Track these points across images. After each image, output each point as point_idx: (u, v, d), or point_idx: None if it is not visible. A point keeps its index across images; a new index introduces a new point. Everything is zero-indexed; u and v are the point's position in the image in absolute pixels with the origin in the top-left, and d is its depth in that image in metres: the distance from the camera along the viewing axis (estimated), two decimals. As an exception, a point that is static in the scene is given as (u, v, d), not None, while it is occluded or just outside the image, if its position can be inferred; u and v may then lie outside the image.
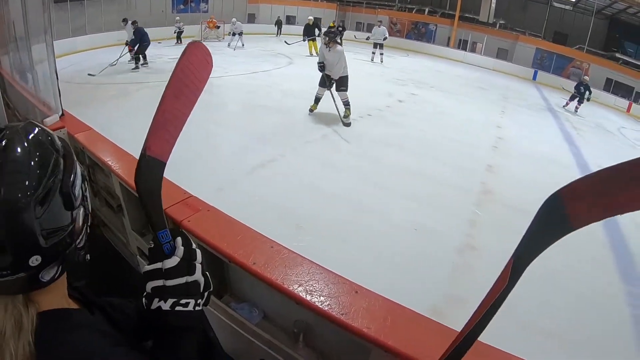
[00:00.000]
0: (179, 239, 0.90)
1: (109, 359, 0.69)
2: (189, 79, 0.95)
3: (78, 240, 0.74)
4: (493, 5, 19.91)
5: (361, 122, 7.22)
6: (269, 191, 4.46)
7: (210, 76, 1.00)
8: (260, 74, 10.63)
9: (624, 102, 17.32)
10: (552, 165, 6.86)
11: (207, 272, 0.93)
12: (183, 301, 0.85)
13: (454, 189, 5.07)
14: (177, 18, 17.14)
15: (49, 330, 0.67)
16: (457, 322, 2.87)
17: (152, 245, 0.90)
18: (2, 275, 0.63)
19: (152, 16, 18.62)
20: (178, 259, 0.86)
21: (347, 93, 6.93)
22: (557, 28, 19.93)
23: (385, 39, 14.84)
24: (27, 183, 0.64)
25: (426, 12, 22.91)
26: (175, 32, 16.50)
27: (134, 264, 2.51)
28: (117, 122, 5.09)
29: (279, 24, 21.11)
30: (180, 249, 0.88)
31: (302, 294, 1.24)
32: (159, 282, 0.85)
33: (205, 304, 0.93)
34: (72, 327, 0.71)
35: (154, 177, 0.90)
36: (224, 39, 17.41)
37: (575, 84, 13.46)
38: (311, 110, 7.25)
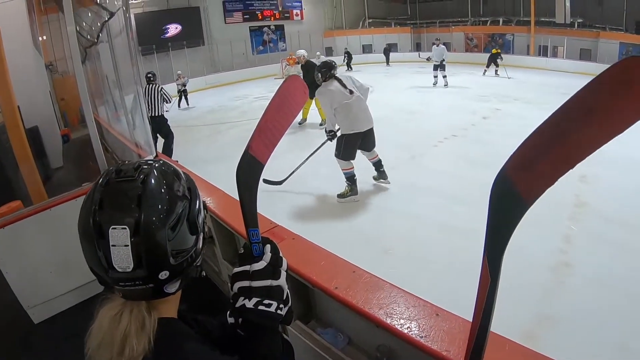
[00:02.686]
0: (268, 246, 0.97)
1: None
2: (288, 100, 1.10)
3: (197, 260, 0.85)
4: (568, 4, 18.71)
5: (447, 143, 7.07)
6: (355, 216, 4.53)
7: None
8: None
9: None
10: None
11: (289, 291, 0.98)
12: (266, 302, 0.91)
13: (545, 203, 4.71)
14: (179, 72, 14.63)
15: (167, 335, 0.79)
16: (550, 344, 2.69)
17: (242, 252, 0.99)
18: (135, 284, 0.75)
19: (234, 58, 20.47)
20: (265, 263, 0.94)
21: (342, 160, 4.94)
22: (639, 18, 17.98)
23: (443, 60, 13.37)
24: (162, 210, 0.77)
25: (501, 22, 22.16)
26: (178, 92, 13.49)
27: (225, 291, 2.68)
28: (209, 161, 5.40)
29: (347, 55, 20.84)
30: (268, 255, 0.95)
31: (382, 317, 1.28)
32: (246, 283, 0.92)
33: (287, 321, 0.97)
34: (186, 337, 0.83)
35: (253, 175, 1.01)
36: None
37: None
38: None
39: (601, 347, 2.82)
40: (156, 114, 6.55)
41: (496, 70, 15.90)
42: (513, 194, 0.68)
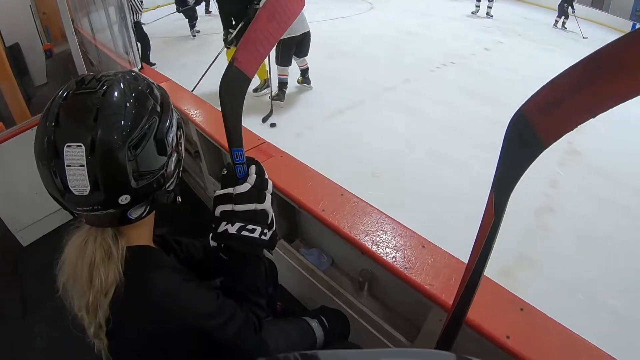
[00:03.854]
0: (252, 167, 0.92)
1: (182, 295, 0.75)
2: (282, 8, 0.99)
3: (168, 184, 0.78)
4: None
5: (444, 70, 6.82)
6: (345, 138, 4.43)
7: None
8: (340, 20, 10.13)
9: None
10: None
11: (274, 213, 0.93)
12: (250, 227, 0.87)
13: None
14: None
15: (137, 265, 0.74)
16: (523, 283, 2.76)
17: (225, 172, 0.93)
18: (93, 209, 0.68)
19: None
20: (249, 186, 0.88)
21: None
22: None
23: None
24: (122, 126, 0.68)
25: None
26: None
27: (211, 207, 2.65)
28: (197, 72, 5.20)
29: None
30: (253, 177, 0.90)
31: (368, 244, 1.25)
32: (229, 207, 0.87)
33: (271, 246, 0.94)
34: (155, 266, 0.78)
35: (238, 90, 0.93)
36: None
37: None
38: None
39: (571, 294, 2.91)
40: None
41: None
42: (531, 135, 0.66)
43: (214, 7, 9.80)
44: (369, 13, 11.17)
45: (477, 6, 12.13)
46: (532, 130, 0.65)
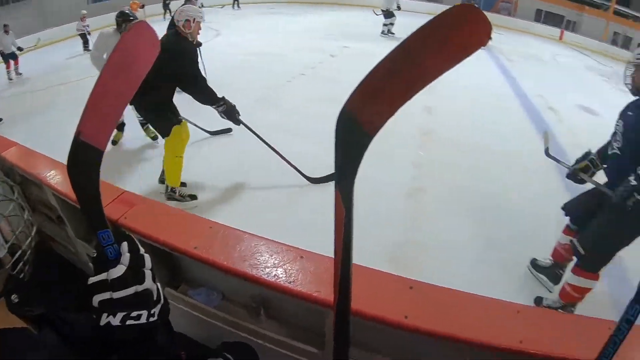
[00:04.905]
0: (124, 244, 0.82)
1: None
2: (131, 59, 0.87)
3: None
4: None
5: (295, 82, 7.17)
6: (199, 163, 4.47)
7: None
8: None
9: (556, 31, 17.92)
10: (491, 98, 7.05)
11: (158, 284, 0.86)
12: (134, 314, 0.78)
13: (395, 134, 5.03)
14: (84, 12, 13.37)
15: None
16: (416, 265, 2.98)
17: (95, 255, 0.83)
18: None
19: (70, 12, 16.53)
20: (124, 267, 0.78)
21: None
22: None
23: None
24: None
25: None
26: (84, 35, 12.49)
27: (90, 272, 2.43)
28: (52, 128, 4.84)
29: None
30: (126, 256, 0.80)
31: (248, 270, 1.23)
32: (106, 295, 0.77)
33: (163, 320, 0.86)
34: (19, 352, 0.70)
35: (90, 167, 0.81)
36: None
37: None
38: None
39: (459, 265, 3.16)
40: None
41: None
42: (356, 128, 0.69)
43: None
44: (217, 40, 11.21)
45: (386, 25, 12.58)
46: (356, 124, 0.69)
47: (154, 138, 5.07)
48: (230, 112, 3.83)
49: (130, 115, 4.70)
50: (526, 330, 1.26)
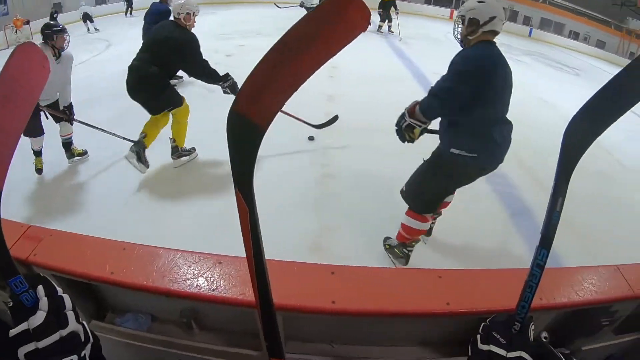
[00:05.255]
0: (39, 288, 0.78)
1: None
2: (19, 85, 0.81)
3: None
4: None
5: (192, 89, 6.85)
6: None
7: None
8: (80, 66, 8.72)
9: (446, 11, 19.06)
10: (391, 82, 7.32)
11: (84, 322, 0.82)
12: None
13: (299, 124, 5.22)
14: None
15: None
16: (335, 249, 3.07)
17: (11, 304, 0.77)
18: None
19: None
20: (44, 313, 0.74)
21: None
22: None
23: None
24: None
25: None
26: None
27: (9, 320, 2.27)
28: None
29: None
30: (44, 300, 0.76)
31: (169, 285, 1.21)
32: (31, 346, 0.73)
33: (95, 356, 0.83)
34: None
35: None
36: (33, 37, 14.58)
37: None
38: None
39: (374, 243, 3.29)
40: None
41: (390, 26, 13.40)
42: (248, 125, 0.71)
43: None
44: (108, 51, 10.56)
45: (380, 25, 12.97)
46: (247, 121, 0.71)
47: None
48: (234, 86, 4.26)
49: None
50: (450, 293, 1.34)
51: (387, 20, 13.02)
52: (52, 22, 4.32)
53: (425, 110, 2.55)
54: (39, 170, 4.42)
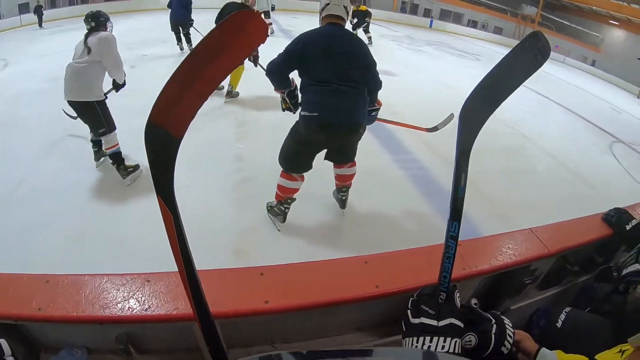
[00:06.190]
0: None
1: None
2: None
3: None
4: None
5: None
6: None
7: None
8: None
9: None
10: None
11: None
12: None
13: (211, 131, 5.39)
14: None
15: None
16: (257, 251, 3.16)
17: None
18: None
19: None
20: None
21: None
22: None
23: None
24: None
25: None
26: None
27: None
28: None
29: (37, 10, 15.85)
30: None
31: (99, 312, 1.20)
32: None
33: None
34: None
35: None
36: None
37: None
38: None
39: (299, 238, 3.48)
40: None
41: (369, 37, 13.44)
42: (164, 136, 0.76)
43: None
44: (5, 71, 9.54)
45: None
46: (163, 132, 0.76)
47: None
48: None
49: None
50: (378, 276, 1.42)
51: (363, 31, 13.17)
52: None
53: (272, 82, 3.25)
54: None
